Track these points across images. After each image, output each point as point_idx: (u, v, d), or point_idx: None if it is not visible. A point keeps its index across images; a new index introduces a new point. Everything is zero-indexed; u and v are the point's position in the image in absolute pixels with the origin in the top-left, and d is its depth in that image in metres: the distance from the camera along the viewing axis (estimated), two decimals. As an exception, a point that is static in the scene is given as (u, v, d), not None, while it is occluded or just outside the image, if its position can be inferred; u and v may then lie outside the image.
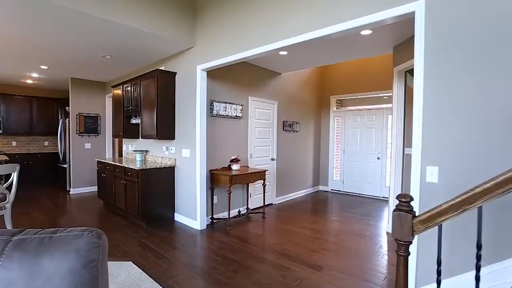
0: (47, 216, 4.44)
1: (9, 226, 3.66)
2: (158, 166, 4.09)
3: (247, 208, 4.71)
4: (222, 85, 4.33)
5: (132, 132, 5.02)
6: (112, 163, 4.57)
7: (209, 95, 4.10)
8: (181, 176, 4.22)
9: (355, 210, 5.08)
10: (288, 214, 4.78)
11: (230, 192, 3.89)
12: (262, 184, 4.46)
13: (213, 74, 4.14)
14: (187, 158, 4.09)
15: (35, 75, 6.00)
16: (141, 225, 4.03)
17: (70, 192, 6.22)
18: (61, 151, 6.68)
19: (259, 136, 5.07)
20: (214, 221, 4.18)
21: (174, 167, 4.32)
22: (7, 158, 5.13)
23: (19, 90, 7.51)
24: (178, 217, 4.29)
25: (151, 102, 4.17)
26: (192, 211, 4.03)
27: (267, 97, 5.21)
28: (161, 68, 4.34)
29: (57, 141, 7.06)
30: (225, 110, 4.33)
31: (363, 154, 6.32)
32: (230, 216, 4.07)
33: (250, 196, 4.90)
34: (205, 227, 3.97)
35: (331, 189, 6.83)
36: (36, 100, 7.49)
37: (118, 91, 5.14)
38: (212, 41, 3.62)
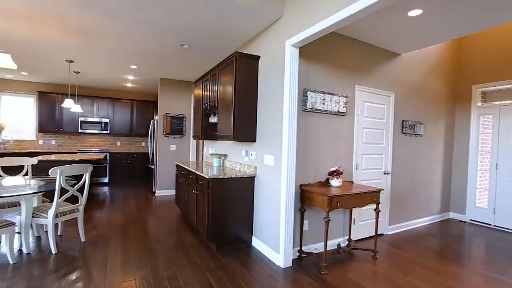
0: (125, 221, 4.15)
1: (81, 230, 3.38)
2: (234, 176, 3.22)
3: (349, 240, 3.38)
4: (319, 69, 3.17)
5: (211, 133, 4.36)
6: (187, 167, 3.96)
7: (302, 83, 3.01)
8: (262, 190, 3.24)
9: (533, 263, 3.10)
10: (411, 255, 3.22)
11: (329, 221, 2.67)
12: (375, 210, 3.07)
13: (307, 53, 3.04)
14: (270, 166, 3.09)
15: (130, 77, 6.16)
16: (210, 248, 3.22)
17: (156, 194, 6.10)
18: (150, 152, 6.72)
19: (369, 140, 3.67)
20: (303, 255, 3.03)
21: (254, 177, 3.38)
22: (99, 158, 5.20)
23: (123, 94, 8.12)
24: (256, 243, 3.32)
25: (228, 95, 3.35)
26: (274, 239, 2.98)
27: (380, 87, 3.77)
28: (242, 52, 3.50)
29: (148, 142, 7.21)
30: (323, 103, 3.15)
31: (535, 171, 4.09)
32: (327, 251, 2.85)
33: (354, 223, 3.55)
34: (290, 264, 2.86)
35: (471, 220, 4.75)
36: (136, 103, 7.94)
37: (198, 88, 4.60)
38: (305, 1, 2.53)
